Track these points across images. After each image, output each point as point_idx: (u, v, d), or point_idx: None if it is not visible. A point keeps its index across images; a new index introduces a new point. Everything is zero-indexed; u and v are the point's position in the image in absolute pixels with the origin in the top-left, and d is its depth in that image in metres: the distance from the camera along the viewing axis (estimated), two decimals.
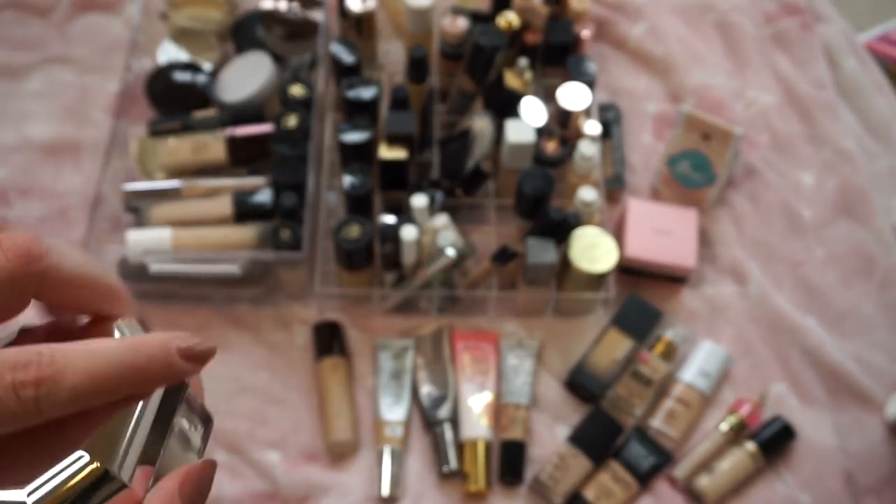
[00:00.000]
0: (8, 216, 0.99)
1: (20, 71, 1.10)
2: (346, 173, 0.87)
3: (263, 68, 0.99)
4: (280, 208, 0.88)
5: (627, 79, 1.13)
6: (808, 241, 1.01)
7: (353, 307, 0.93)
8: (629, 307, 0.91)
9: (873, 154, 1.08)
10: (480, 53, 0.92)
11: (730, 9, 1.19)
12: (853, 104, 1.13)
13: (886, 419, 0.89)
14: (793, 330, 0.93)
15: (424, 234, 0.86)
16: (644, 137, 1.08)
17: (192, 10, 1.05)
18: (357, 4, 0.98)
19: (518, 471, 0.84)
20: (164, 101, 0.98)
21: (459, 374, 0.89)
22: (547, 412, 0.89)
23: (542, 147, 0.95)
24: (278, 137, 0.90)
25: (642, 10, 1.17)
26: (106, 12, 1.16)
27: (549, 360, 0.92)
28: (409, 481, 0.84)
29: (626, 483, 0.83)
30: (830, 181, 1.05)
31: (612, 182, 1.02)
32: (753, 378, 0.91)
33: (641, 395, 0.87)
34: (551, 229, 0.86)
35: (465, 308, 0.94)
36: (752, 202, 1.03)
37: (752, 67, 1.13)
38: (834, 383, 0.91)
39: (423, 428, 0.87)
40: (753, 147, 1.07)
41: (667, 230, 0.94)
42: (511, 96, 0.94)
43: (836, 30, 1.18)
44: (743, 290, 0.96)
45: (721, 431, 0.86)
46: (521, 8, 1.01)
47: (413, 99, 0.96)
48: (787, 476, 0.86)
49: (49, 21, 1.14)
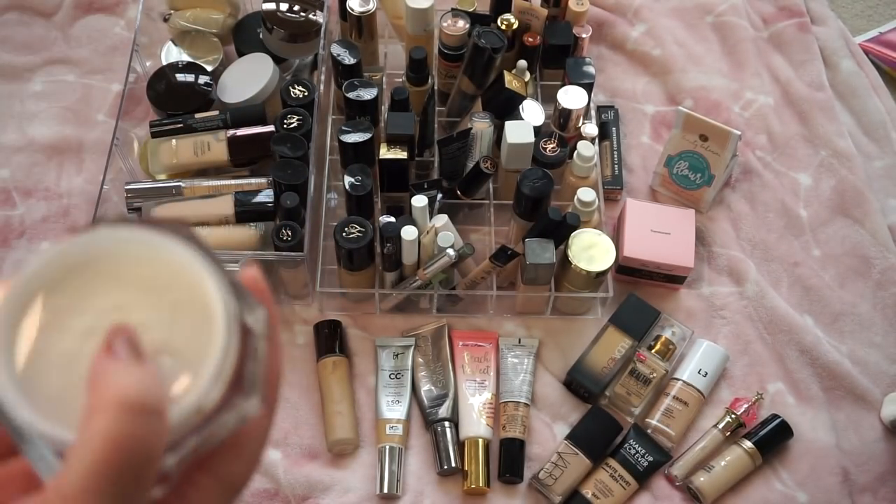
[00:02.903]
0: (11, 216, 1.00)
1: (23, 72, 1.10)
2: (347, 174, 0.88)
3: (265, 70, 0.99)
4: (281, 208, 0.88)
5: (626, 80, 1.14)
6: (806, 241, 1.01)
7: (353, 307, 0.94)
8: (628, 306, 0.92)
9: (870, 154, 1.09)
10: (480, 55, 0.93)
11: (727, 11, 1.19)
12: (850, 105, 1.13)
13: (883, 418, 0.89)
14: (790, 329, 0.94)
15: (424, 234, 0.87)
16: (642, 138, 1.09)
17: (194, 11, 1.06)
18: (357, 5, 0.98)
19: (517, 469, 0.85)
20: (166, 103, 0.99)
21: (459, 372, 0.89)
22: (546, 411, 0.89)
23: (541, 148, 0.95)
24: (279, 138, 0.91)
25: (640, 12, 1.18)
26: (108, 14, 1.16)
27: (548, 359, 0.92)
28: (410, 479, 0.85)
29: (624, 481, 0.83)
30: (827, 181, 1.05)
31: (611, 182, 1.03)
32: (751, 377, 0.92)
33: (640, 393, 0.88)
34: (550, 229, 0.87)
35: (465, 307, 0.95)
36: (750, 202, 1.03)
37: (749, 69, 1.14)
38: (831, 382, 0.91)
39: (423, 426, 0.88)
40: (751, 148, 1.08)
41: (665, 230, 0.95)
42: (510, 97, 0.94)
43: (833, 31, 1.18)
44: (740, 289, 0.97)
45: (719, 430, 0.87)
46: (521, 10, 1.02)
47: (413, 100, 0.97)
48: (784, 474, 0.87)
49: (52, 23, 1.15)
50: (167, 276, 0.28)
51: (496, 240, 0.96)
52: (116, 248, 0.28)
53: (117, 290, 0.28)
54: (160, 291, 0.28)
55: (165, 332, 0.27)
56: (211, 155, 0.95)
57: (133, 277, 0.28)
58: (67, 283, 0.28)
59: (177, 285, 0.28)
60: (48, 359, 0.26)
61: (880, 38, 1.22)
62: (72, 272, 0.28)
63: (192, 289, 0.28)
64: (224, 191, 0.93)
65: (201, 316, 0.27)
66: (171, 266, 0.28)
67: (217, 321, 0.27)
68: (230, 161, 0.95)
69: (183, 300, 0.28)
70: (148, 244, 0.28)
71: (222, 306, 0.27)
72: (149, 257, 0.28)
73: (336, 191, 0.99)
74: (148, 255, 0.28)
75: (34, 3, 1.16)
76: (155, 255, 0.28)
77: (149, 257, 0.28)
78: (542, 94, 1.05)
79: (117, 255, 0.28)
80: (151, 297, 0.28)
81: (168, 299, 0.28)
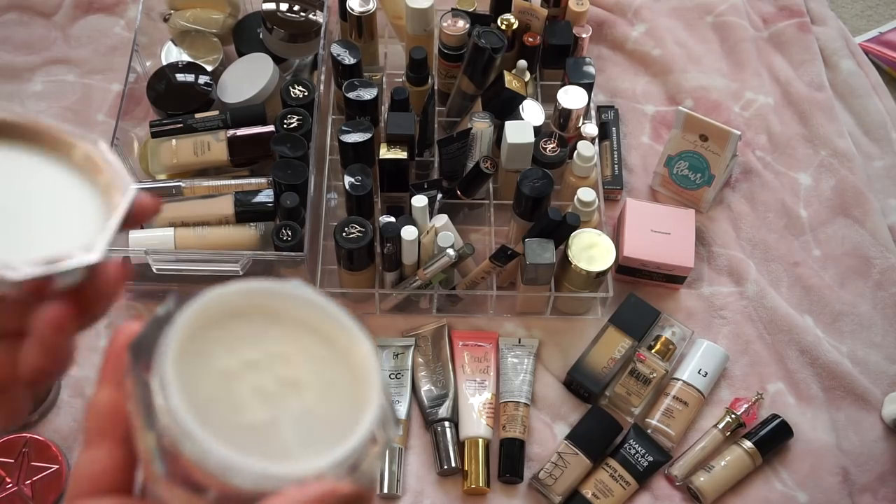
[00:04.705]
0: None
1: (23, 72, 1.10)
2: (347, 174, 0.88)
3: (265, 70, 0.99)
4: (281, 208, 0.88)
5: (626, 80, 1.14)
6: (806, 241, 1.01)
7: (353, 306, 0.94)
8: (627, 306, 0.92)
9: (870, 154, 1.09)
10: (480, 55, 0.93)
11: (727, 11, 1.19)
12: (850, 105, 1.13)
13: (883, 418, 0.89)
14: (790, 329, 0.94)
15: (424, 234, 0.87)
16: (642, 138, 1.09)
17: (194, 11, 1.06)
18: (357, 5, 0.98)
19: (517, 469, 0.85)
20: (166, 103, 0.99)
21: (459, 372, 0.89)
22: (546, 411, 0.89)
23: (541, 148, 0.95)
24: (279, 138, 0.91)
25: (640, 12, 1.18)
26: (108, 14, 1.16)
27: (548, 359, 0.92)
28: (409, 479, 0.85)
29: (624, 481, 0.83)
30: (827, 181, 1.05)
31: (611, 182, 1.03)
32: (751, 377, 0.92)
33: (640, 393, 0.88)
34: (550, 229, 0.87)
35: (465, 307, 0.95)
36: (750, 202, 1.03)
37: (749, 69, 1.14)
38: (831, 382, 0.91)
39: (423, 426, 0.88)
40: (751, 148, 1.08)
41: (665, 230, 0.95)
42: (510, 97, 0.94)
43: (833, 31, 1.18)
44: (740, 289, 0.97)
45: (719, 430, 0.87)
46: (521, 9, 1.02)
47: (413, 100, 0.97)
48: (784, 474, 0.87)
49: (52, 23, 1.15)
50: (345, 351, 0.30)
51: (496, 240, 0.96)
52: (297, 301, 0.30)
53: (288, 339, 0.29)
54: (331, 361, 0.29)
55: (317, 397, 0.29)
56: (211, 155, 0.95)
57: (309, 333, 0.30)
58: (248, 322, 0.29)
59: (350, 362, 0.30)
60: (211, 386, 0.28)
61: (880, 38, 1.22)
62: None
63: (361, 378, 0.29)
64: (224, 191, 0.93)
65: (355, 404, 0.28)
66: (356, 356, 0.30)
67: (367, 414, 0.28)
68: (230, 161, 0.95)
69: (344, 378, 0.29)
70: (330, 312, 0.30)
71: (377, 402, 0.28)
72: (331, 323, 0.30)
73: (336, 191, 0.99)
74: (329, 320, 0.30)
75: (34, 3, 1.16)
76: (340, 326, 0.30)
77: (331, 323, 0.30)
78: (542, 94, 1.05)
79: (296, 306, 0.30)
80: (318, 357, 0.29)
81: (334, 373, 0.29)
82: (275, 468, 0.25)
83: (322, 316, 0.30)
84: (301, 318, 0.30)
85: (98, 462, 0.29)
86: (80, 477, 0.29)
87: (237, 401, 0.27)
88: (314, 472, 0.26)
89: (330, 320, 0.30)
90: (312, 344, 0.29)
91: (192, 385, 0.27)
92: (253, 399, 0.27)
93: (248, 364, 0.28)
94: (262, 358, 0.28)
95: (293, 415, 0.28)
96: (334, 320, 0.30)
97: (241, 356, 0.28)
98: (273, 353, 0.29)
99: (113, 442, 0.29)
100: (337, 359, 0.29)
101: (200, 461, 0.25)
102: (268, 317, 0.29)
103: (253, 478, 0.25)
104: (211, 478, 0.25)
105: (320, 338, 0.30)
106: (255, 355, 0.28)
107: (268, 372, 0.28)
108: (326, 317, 0.30)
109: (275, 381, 0.28)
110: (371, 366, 0.29)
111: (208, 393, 0.27)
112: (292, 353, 0.29)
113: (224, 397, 0.27)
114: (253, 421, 0.27)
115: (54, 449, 0.83)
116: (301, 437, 0.27)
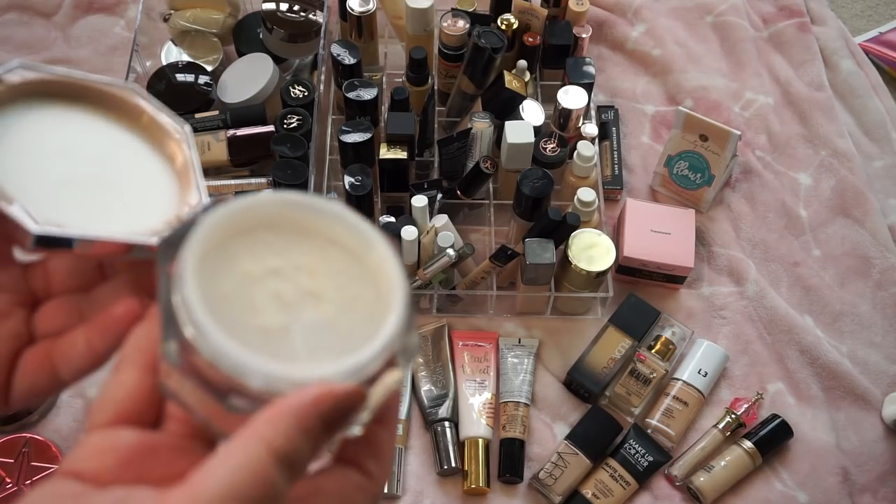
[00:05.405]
0: None
1: None
2: (347, 174, 0.88)
3: (265, 70, 1.00)
4: None
5: (626, 80, 1.14)
6: (806, 241, 1.01)
7: None
8: (627, 306, 0.92)
9: (870, 154, 1.09)
10: (480, 55, 0.93)
11: (727, 10, 1.19)
12: (850, 105, 1.13)
13: (884, 418, 0.89)
14: (790, 329, 0.94)
15: (424, 234, 0.87)
16: (642, 138, 1.09)
17: (194, 11, 1.06)
18: (357, 5, 0.98)
19: (517, 469, 0.85)
20: (166, 102, 0.98)
21: (459, 372, 0.89)
22: (546, 411, 0.89)
23: (541, 148, 0.95)
24: (279, 138, 0.91)
25: (640, 12, 1.18)
26: (108, 14, 1.16)
27: (548, 359, 0.92)
28: (409, 479, 0.85)
29: (624, 481, 0.83)
30: (827, 181, 1.05)
31: (611, 182, 1.03)
32: (751, 377, 0.92)
33: (640, 393, 0.88)
34: (550, 229, 0.87)
35: (465, 307, 0.95)
36: (750, 202, 1.03)
37: (749, 69, 1.14)
38: (831, 382, 0.91)
39: (422, 426, 0.88)
40: (751, 148, 1.08)
41: (665, 230, 0.95)
42: (510, 97, 0.94)
43: (833, 31, 1.19)
44: (740, 289, 0.97)
45: (719, 430, 0.87)
46: (521, 10, 1.02)
47: (413, 100, 0.97)
48: (784, 474, 0.87)
49: (52, 23, 1.15)
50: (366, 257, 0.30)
51: (496, 240, 0.96)
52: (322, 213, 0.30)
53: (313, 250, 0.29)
54: (354, 262, 0.29)
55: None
56: (211, 155, 0.95)
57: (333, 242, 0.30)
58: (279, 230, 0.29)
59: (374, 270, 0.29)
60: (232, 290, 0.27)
61: (880, 38, 1.22)
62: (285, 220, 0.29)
63: (385, 278, 0.29)
64: (224, 191, 0.93)
65: (375, 321, 0.28)
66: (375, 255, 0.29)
67: (394, 310, 0.28)
68: (230, 161, 0.95)
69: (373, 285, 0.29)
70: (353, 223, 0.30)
71: (398, 321, 0.28)
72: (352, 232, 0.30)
73: (336, 191, 0.99)
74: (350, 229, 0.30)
75: (34, 3, 1.16)
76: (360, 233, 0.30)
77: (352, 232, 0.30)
78: (542, 94, 1.05)
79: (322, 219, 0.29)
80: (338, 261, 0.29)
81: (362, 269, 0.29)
82: (275, 368, 0.25)
83: (354, 234, 0.29)
84: (333, 236, 0.29)
85: (124, 386, 0.28)
86: (104, 400, 0.28)
87: (254, 303, 0.27)
88: (318, 377, 0.26)
89: (363, 239, 0.29)
90: (340, 260, 0.29)
91: (212, 282, 0.27)
92: (270, 304, 0.27)
93: (271, 271, 0.28)
94: (286, 266, 0.28)
95: (307, 324, 0.27)
96: (367, 240, 0.29)
97: (266, 263, 0.28)
98: (298, 264, 0.29)
99: (143, 370, 0.28)
100: (364, 276, 0.29)
101: (211, 357, 0.25)
102: (300, 231, 0.29)
103: (261, 377, 0.25)
104: (218, 373, 0.25)
105: (350, 255, 0.29)
106: (280, 263, 0.28)
107: (290, 281, 0.28)
108: (359, 235, 0.29)
109: (295, 290, 0.28)
110: (397, 285, 0.28)
111: (226, 291, 0.27)
112: (318, 267, 0.29)
113: (241, 298, 0.27)
114: (265, 324, 0.27)
115: (54, 449, 0.83)
116: (310, 346, 0.27)
